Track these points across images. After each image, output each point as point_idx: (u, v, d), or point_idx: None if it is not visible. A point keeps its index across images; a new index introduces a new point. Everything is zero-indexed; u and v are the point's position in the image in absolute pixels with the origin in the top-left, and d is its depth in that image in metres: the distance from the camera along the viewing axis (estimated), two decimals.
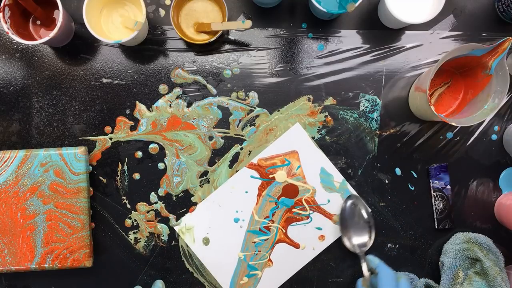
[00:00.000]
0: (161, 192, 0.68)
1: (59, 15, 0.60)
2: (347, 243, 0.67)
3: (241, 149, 0.68)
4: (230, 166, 0.68)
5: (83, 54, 0.67)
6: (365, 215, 0.67)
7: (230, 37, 0.68)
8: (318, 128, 0.68)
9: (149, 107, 0.67)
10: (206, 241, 0.68)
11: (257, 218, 0.68)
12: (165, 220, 0.68)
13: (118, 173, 0.67)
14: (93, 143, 0.67)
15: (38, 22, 0.65)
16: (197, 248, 0.68)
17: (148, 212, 0.68)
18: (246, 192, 0.68)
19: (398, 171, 0.68)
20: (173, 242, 0.68)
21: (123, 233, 0.67)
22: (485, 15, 0.69)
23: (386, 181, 0.68)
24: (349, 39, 0.68)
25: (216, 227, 0.68)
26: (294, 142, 0.68)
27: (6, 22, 0.60)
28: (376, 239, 0.68)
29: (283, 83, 0.68)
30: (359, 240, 0.67)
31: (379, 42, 0.68)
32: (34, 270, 0.64)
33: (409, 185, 0.69)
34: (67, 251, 0.64)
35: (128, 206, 0.67)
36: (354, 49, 0.68)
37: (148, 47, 0.68)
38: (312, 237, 0.68)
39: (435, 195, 0.68)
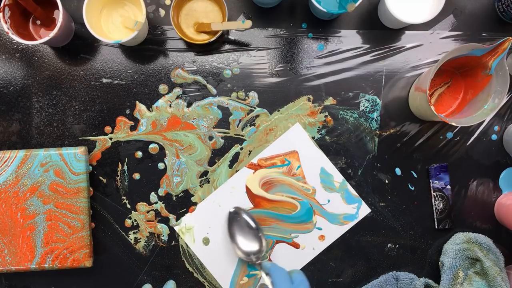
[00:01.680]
0: (161, 192, 0.68)
1: (59, 15, 0.60)
2: (239, 253, 0.65)
3: (241, 149, 0.68)
4: (230, 166, 0.68)
5: (83, 54, 0.67)
6: (252, 224, 0.65)
7: (230, 37, 0.68)
8: (318, 128, 0.68)
9: (149, 107, 0.67)
10: (206, 241, 0.68)
11: None
12: (165, 220, 0.68)
13: (118, 173, 0.67)
14: (93, 143, 0.67)
15: (38, 22, 0.65)
16: (197, 248, 0.68)
17: (148, 212, 0.68)
18: (246, 192, 0.68)
19: (398, 171, 0.68)
20: (173, 242, 0.68)
21: (123, 233, 0.67)
22: (485, 15, 0.69)
23: (386, 181, 0.68)
24: (349, 39, 0.68)
25: (216, 227, 0.68)
26: (294, 142, 0.68)
27: (6, 22, 0.60)
28: (376, 239, 0.68)
29: (283, 83, 0.68)
30: (250, 248, 0.65)
31: (379, 42, 0.68)
32: (34, 270, 0.64)
33: (409, 185, 0.69)
34: (67, 251, 0.64)
35: (128, 206, 0.67)
36: (354, 49, 0.68)
37: (148, 47, 0.68)
38: (312, 237, 0.68)
39: (435, 195, 0.68)
